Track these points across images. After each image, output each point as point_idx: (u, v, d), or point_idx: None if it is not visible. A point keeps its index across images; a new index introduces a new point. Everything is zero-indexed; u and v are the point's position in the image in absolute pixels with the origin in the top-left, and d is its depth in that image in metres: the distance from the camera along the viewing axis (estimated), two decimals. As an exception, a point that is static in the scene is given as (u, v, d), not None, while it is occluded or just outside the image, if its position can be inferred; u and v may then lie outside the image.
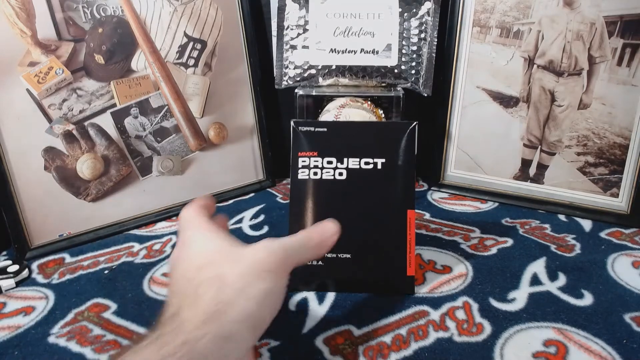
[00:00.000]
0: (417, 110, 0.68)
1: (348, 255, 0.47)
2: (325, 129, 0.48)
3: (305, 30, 0.67)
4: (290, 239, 0.37)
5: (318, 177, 0.48)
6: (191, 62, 0.68)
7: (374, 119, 0.64)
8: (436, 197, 0.71)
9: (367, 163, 0.47)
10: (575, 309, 0.45)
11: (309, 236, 0.38)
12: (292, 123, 0.49)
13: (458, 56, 0.68)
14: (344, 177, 0.47)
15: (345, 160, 0.47)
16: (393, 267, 0.47)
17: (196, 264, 0.34)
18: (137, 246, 0.60)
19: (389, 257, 0.47)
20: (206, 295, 0.31)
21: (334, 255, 0.47)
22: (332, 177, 0.47)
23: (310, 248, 0.37)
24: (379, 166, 0.47)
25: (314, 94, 0.66)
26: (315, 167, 0.48)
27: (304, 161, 0.48)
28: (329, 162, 0.48)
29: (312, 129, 0.49)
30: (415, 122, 0.48)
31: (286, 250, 0.35)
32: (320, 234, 0.38)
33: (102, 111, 0.62)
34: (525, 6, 0.63)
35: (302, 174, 0.48)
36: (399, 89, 0.66)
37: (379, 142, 0.48)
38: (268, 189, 0.76)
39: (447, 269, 0.52)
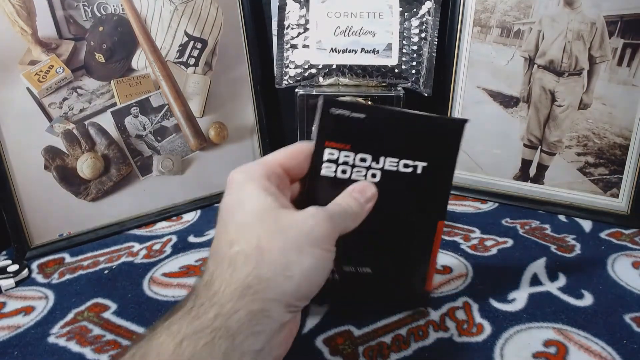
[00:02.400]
0: (417, 110, 0.68)
1: (368, 270, 0.41)
2: (364, 115, 0.37)
3: (305, 30, 0.67)
4: (333, 206, 0.34)
5: (346, 176, 0.37)
6: (192, 61, 0.68)
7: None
8: (436, 197, 0.71)
9: (406, 165, 0.38)
10: (576, 309, 0.45)
11: (348, 203, 0.35)
12: (320, 100, 0.36)
13: (458, 56, 0.68)
14: (377, 179, 0.38)
15: (381, 159, 0.38)
16: (413, 281, 0.42)
17: (237, 224, 0.31)
18: (137, 246, 0.60)
19: (411, 271, 0.42)
20: (244, 269, 0.29)
21: (353, 269, 0.40)
22: (364, 179, 0.38)
23: (351, 215, 0.35)
24: (419, 170, 0.38)
25: (314, 93, 0.66)
26: (345, 163, 0.37)
27: (332, 154, 0.37)
28: (363, 160, 0.38)
29: (347, 112, 0.37)
30: (466, 120, 0.39)
31: (333, 219, 0.33)
32: (358, 199, 0.36)
33: (102, 110, 0.62)
34: (525, 6, 0.63)
35: (327, 170, 0.37)
36: (399, 88, 0.66)
37: (424, 140, 0.39)
38: (268, 189, 0.75)
39: (447, 269, 0.52)
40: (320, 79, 0.67)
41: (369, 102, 0.65)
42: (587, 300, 0.46)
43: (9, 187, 0.56)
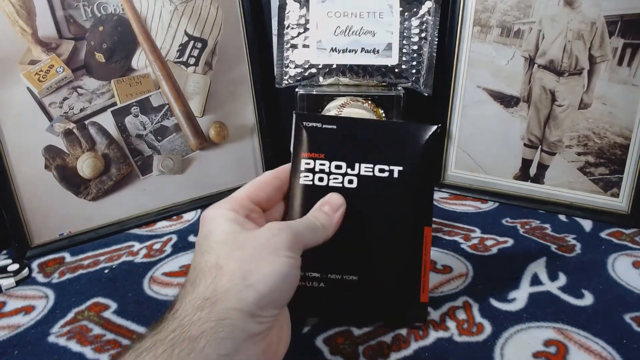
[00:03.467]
0: (417, 110, 0.68)
1: (355, 278, 0.41)
2: (335, 126, 0.41)
3: (305, 29, 0.67)
4: (296, 220, 0.36)
5: (324, 183, 0.40)
6: (192, 60, 0.68)
7: (374, 118, 0.64)
8: (437, 197, 0.71)
9: (382, 170, 0.40)
10: (576, 309, 0.45)
11: (315, 215, 0.37)
12: (294, 115, 0.41)
13: (458, 56, 0.68)
14: (354, 185, 0.40)
15: (356, 165, 0.40)
16: (405, 292, 0.42)
17: (202, 252, 0.33)
18: (137, 245, 0.60)
19: (401, 280, 0.42)
20: (202, 284, 0.31)
21: (339, 277, 0.40)
22: (341, 185, 0.40)
23: (319, 227, 0.36)
24: (395, 174, 0.40)
25: (314, 93, 0.66)
26: (322, 171, 0.40)
27: (308, 163, 0.40)
28: (338, 167, 0.40)
29: (318, 125, 0.41)
30: (438, 125, 0.41)
31: (293, 229, 0.34)
32: (326, 212, 0.37)
33: (102, 110, 0.62)
34: (525, 5, 0.63)
35: (304, 179, 0.40)
36: (399, 88, 0.66)
37: (397, 146, 0.41)
38: (268, 188, 0.75)
39: (447, 269, 0.52)
40: (321, 78, 0.67)
41: (369, 102, 0.65)
42: (588, 299, 0.46)
43: (9, 186, 0.56)
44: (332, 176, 0.40)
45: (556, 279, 0.49)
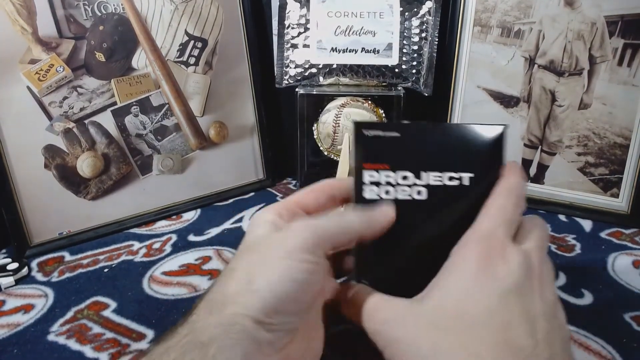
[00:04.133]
0: (417, 110, 0.68)
1: None
2: (399, 134, 0.37)
3: (306, 29, 0.67)
4: (326, 217, 0.32)
5: (391, 196, 0.36)
6: (192, 60, 0.68)
7: (374, 118, 0.64)
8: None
9: (451, 178, 0.36)
10: (576, 308, 0.45)
11: (350, 216, 0.33)
12: (353, 124, 0.36)
13: (459, 56, 0.68)
14: (423, 197, 0.36)
15: (423, 174, 0.36)
16: None
17: (235, 254, 0.32)
18: (136, 245, 0.60)
19: None
20: (213, 288, 0.30)
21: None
22: (410, 197, 0.36)
23: (351, 227, 0.33)
24: (466, 182, 0.36)
25: (314, 93, 0.66)
26: (388, 183, 0.36)
27: (372, 176, 0.36)
28: (404, 178, 0.36)
29: (380, 133, 0.37)
30: (505, 125, 0.37)
31: (317, 228, 0.31)
32: (364, 215, 0.33)
33: (102, 109, 0.62)
34: (526, 6, 0.63)
35: (370, 193, 0.36)
36: (399, 88, 0.66)
37: (464, 151, 0.37)
38: (268, 189, 0.76)
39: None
40: (321, 78, 0.67)
41: (369, 102, 0.65)
42: (587, 299, 0.46)
43: (9, 185, 0.56)
44: (399, 187, 0.36)
45: (556, 278, 0.49)
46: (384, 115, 0.66)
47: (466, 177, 0.36)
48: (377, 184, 0.36)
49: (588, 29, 0.60)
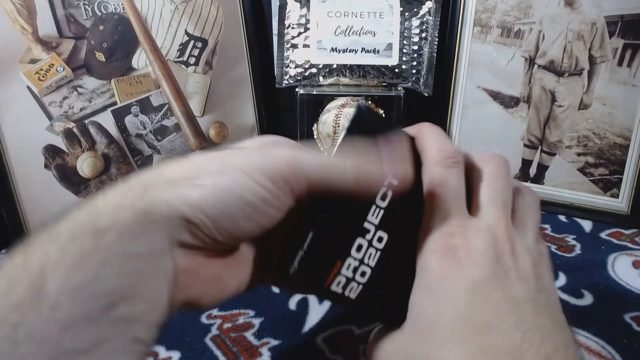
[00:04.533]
0: (417, 110, 0.68)
1: None
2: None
3: (306, 29, 0.67)
4: (312, 156, 0.25)
5: None
6: (192, 60, 0.68)
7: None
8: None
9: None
10: (576, 308, 0.45)
11: (342, 167, 0.25)
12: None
13: (459, 56, 0.68)
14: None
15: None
16: None
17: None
18: (137, 244, 0.59)
19: None
20: (151, 171, 0.25)
21: None
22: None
23: (339, 171, 0.25)
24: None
25: (314, 93, 0.66)
26: None
27: None
28: None
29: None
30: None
31: (292, 165, 0.24)
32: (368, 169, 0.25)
33: (102, 109, 0.62)
34: (526, 6, 0.63)
35: None
36: (399, 88, 0.66)
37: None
38: (268, 188, 0.75)
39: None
40: (321, 78, 0.67)
41: (369, 102, 0.65)
42: (587, 299, 0.46)
43: (8, 185, 0.56)
44: None
45: (556, 278, 0.49)
46: (383, 115, 0.66)
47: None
48: None
49: (588, 29, 0.60)
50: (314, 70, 0.67)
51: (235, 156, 0.25)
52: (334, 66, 0.66)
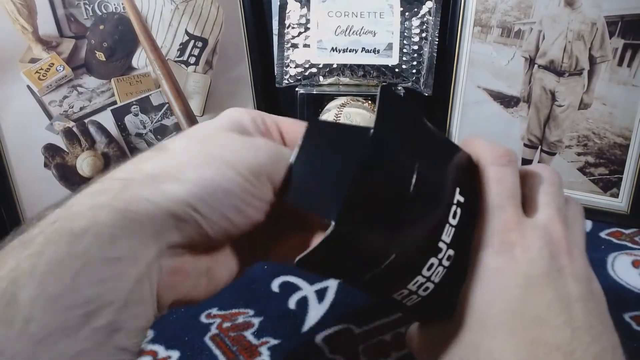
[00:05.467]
0: (417, 109, 0.68)
1: None
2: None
3: (306, 29, 0.67)
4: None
5: None
6: (192, 60, 0.68)
7: (374, 118, 0.64)
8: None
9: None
10: (576, 308, 0.45)
11: None
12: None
13: (459, 56, 0.68)
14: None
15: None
16: None
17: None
18: (136, 244, 0.59)
19: None
20: (127, 165, 0.25)
21: None
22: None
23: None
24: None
25: (314, 92, 0.66)
26: None
27: None
28: None
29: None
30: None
31: (277, 158, 0.25)
32: None
33: (102, 108, 0.62)
34: (526, 6, 0.63)
35: None
36: (399, 88, 0.66)
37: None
38: (268, 188, 0.75)
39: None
40: (321, 78, 0.67)
41: (369, 102, 0.65)
42: (587, 299, 0.46)
43: (8, 184, 0.56)
44: None
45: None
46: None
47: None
48: None
49: (588, 29, 0.60)
50: (314, 70, 0.67)
51: (215, 147, 0.24)
52: (334, 66, 0.66)
